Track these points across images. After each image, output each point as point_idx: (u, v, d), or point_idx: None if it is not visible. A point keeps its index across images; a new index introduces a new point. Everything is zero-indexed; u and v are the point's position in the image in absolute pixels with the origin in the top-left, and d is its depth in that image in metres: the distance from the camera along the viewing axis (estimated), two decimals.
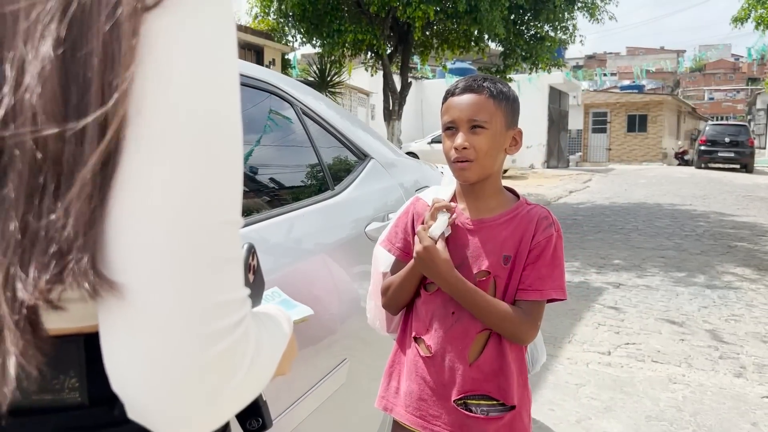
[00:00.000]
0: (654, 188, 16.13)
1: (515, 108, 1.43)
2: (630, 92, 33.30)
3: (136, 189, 0.45)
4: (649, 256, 7.13)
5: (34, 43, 0.43)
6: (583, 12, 10.86)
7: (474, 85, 1.38)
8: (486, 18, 8.36)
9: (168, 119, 0.46)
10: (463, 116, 1.36)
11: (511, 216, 1.41)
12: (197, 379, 0.46)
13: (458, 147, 1.35)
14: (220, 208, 0.49)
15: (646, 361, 3.87)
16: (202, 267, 0.47)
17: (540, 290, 1.36)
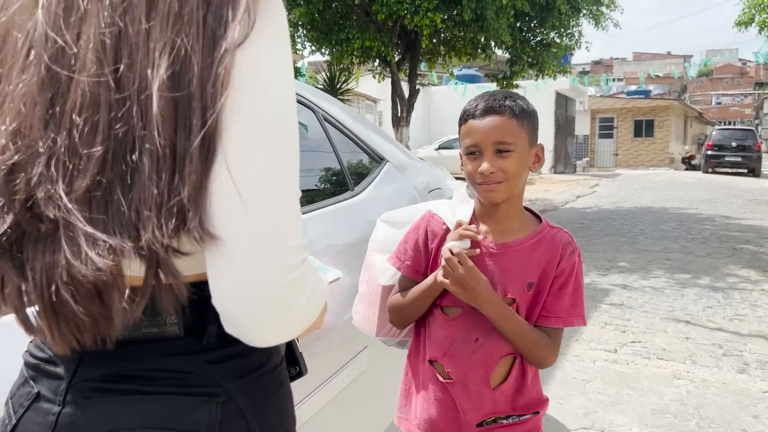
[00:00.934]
0: (661, 193, 16.20)
1: (536, 124, 1.40)
2: (636, 97, 33.34)
3: (230, 170, 0.62)
4: (655, 259, 7.24)
5: (154, 66, 0.60)
6: (588, 19, 11.00)
7: (495, 106, 1.33)
8: (492, 26, 8.51)
9: (253, 120, 0.64)
10: (488, 140, 1.32)
11: (536, 240, 1.38)
12: (277, 298, 0.64)
13: (485, 172, 1.31)
14: (287, 182, 0.67)
15: (652, 358, 3.98)
16: (278, 222, 0.64)
17: (564, 318, 1.36)
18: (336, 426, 1.74)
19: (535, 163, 1.40)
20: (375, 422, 2.04)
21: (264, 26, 0.64)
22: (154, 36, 0.61)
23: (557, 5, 9.76)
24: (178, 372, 0.69)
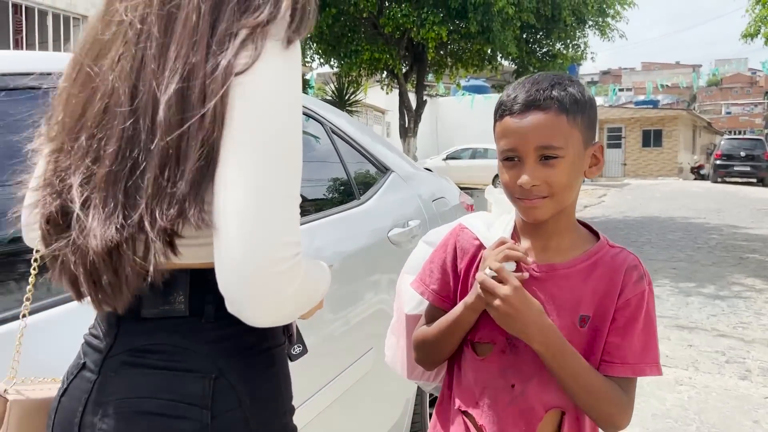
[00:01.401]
0: (669, 202, 16.20)
1: (593, 117, 1.10)
2: (644, 107, 33.36)
3: (227, 168, 0.73)
4: (660, 268, 7.28)
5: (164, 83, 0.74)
6: (593, 30, 11.11)
7: (539, 98, 1.04)
8: (498, 38, 8.63)
9: (251, 135, 0.75)
10: (529, 144, 1.04)
11: (591, 262, 1.11)
12: (269, 285, 0.74)
13: (526, 185, 1.04)
14: (284, 188, 0.76)
15: None
16: (272, 221, 0.74)
17: (633, 365, 1.07)
18: (340, 426, 1.83)
19: (593, 166, 1.12)
20: (380, 422, 2.13)
21: (270, 56, 0.76)
22: (167, 60, 0.74)
23: (563, 17, 9.87)
24: (181, 348, 0.81)
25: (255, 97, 0.74)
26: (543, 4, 9.44)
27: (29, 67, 1.33)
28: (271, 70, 0.76)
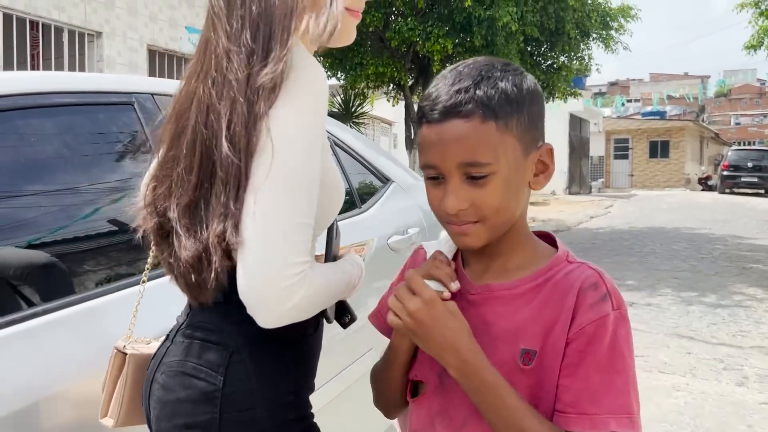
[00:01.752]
0: (675, 213, 16.23)
1: (535, 114, 0.89)
2: (651, 119, 33.40)
3: (251, 196, 0.91)
4: (663, 278, 7.35)
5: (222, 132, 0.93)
6: (597, 43, 11.23)
7: (459, 101, 0.84)
8: (502, 51, 8.77)
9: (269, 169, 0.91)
10: (450, 160, 0.85)
11: (538, 282, 0.89)
12: (273, 296, 0.91)
13: (449, 210, 0.87)
14: (295, 216, 0.92)
15: (653, 371, 4.12)
16: (281, 244, 0.91)
17: (593, 416, 0.82)
18: (337, 424, 1.93)
19: (539, 174, 0.91)
20: (377, 422, 2.23)
21: (288, 98, 0.92)
22: (223, 111, 0.94)
23: (566, 30, 10.00)
24: (216, 327, 1.02)
25: (274, 140, 0.91)
26: (546, 17, 9.58)
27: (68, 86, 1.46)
28: (289, 115, 0.93)
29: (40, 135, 1.46)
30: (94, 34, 5.87)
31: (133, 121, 1.64)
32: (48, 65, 5.54)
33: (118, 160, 1.63)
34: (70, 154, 1.51)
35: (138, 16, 6.17)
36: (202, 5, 6.95)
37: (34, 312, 1.22)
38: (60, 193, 1.44)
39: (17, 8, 5.15)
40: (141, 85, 1.74)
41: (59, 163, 1.47)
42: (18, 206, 1.36)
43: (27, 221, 1.36)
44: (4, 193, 1.34)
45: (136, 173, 1.61)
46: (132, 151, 1.63)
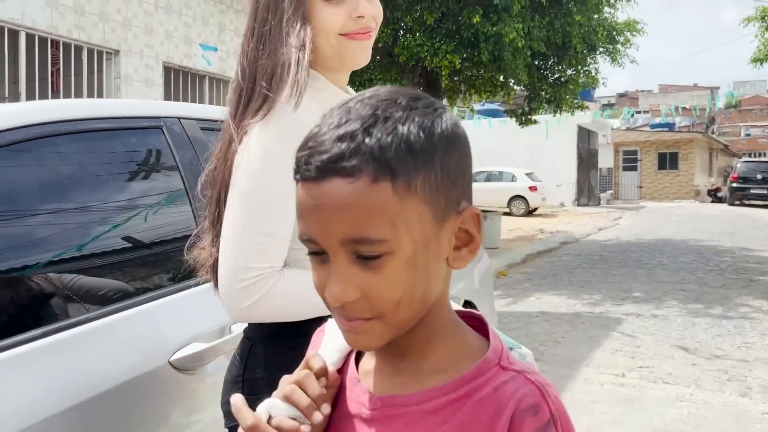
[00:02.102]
0: (684, 225, 16.24)
1: (452, 166, 0.65)
2: (660, 130, 33.40)
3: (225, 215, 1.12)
4: (670, 290, 7.41)
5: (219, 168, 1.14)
6: (604, 56, 11.34)
7: (342, 153, 0.60)
8: (510, 66, 8.89)
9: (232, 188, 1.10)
10: (332, 235, 0.61)
11: (457, 396, 0.65)
12: (231, 297, 1.08)
13: (334, 301, 0.63)
14: (251, 227, 1.08)
15: (658, 382, 4.19)
16: (239, 251, 1.08)
17: None
18: None
19: (461, 248, 0.67)
20: None
21: (253, 136, 1.09)
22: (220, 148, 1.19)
23: (573, 44, 10.12)
24: (251, 324, 1.20)
25: (238, 168, 1.09)
26: (553, 32, 9.70)
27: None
28: (253, 146, 1.09)
29: (84, 157, 1.59)
30: (112, 53, 6.05)
31: (162, 144, 1.77)
32: (68, 81, 5.72)
33: (151, 178, 1.76)
34: (111, 174, 1.64)
35: (154, 34, 6.35)
36: (216, 23, 7.14)
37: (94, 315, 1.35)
38: (104, 209, 1.57)
39: (39, 29, 5.34)
40: (168, 109, 1.88)
41: (101, 182, 1.60)
42: (69, 221, 1.49)
43: (81, 233, 1.49)
44: (58, 209, 1.47)
45: (167, 189, 1.74)
46: (163, 170, 1.77)
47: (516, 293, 7.36)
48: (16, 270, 1.37)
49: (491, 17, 8.56)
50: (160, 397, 1.42)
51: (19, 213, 1.41)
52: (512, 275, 8.69)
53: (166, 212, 1.72)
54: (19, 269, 1.38)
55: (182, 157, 1.78)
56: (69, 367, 1.28)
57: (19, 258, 1.38)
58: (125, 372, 1.35)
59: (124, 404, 1.34)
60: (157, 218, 1.69)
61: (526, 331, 5.53)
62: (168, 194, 1.74)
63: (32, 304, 1.34)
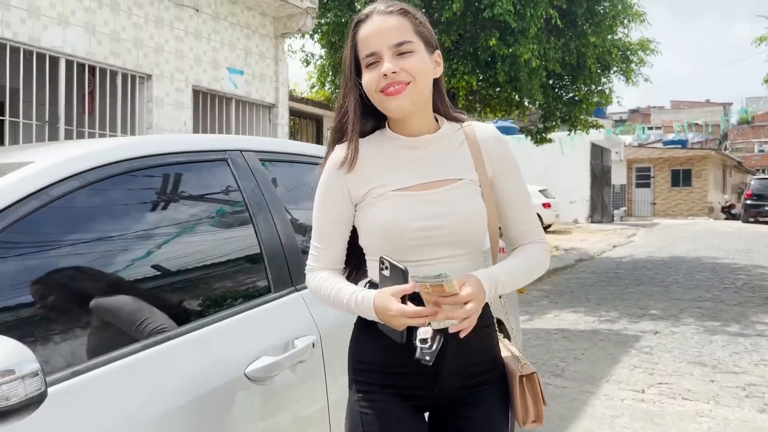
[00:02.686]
0: (698, 242, 16.27)
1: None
2: (673, 147, 33.41)
3: None
4: (686, 307, 7.50)
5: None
6: (618, 75, 11.50)
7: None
8: (525, 86, 9.08)
9: None
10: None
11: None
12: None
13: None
14: (312, 239, 1.54)
15: (677, 398, 4.30)
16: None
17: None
18: None
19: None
20: None
21: (323, 163, 1.56)
22: None
23: (588, 65, 10.30)
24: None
25: None
26: (568, 53, 9.89)
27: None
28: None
29: (165, 188, 1.78)
30: (145, 77, 6.29)
31: (228, 174, 1.95)
32: (103, 104, 5.96)
33: (221, 207, 1.94)
34: (188, 204, 1.83)
35: (184, 59, 6.60)
36: (242, 48, 7.39)
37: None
38: (185, 235, 1.75)
39: (78, 55, 5.59)
40: (232, 143, 2.06)
41: (181, 211, 1.79)
42: (158, 247, 1.67)
43: (165, 257, 1.67)
44: (148, 234, 1.65)
45: (235, 216, 1.92)
46: (230, 198, 1.95)
47: (534, 310, 7.48)
48: (116, 289, 1.55)
49: (507, 39, 8.77)
50: (239, 405, 1.58)
51: (116, 239, 1.59)
52: (529, 292, 8.81)
53: (235, 237, 1.90)
54: (116, 289, 1.55)
55: (245, 187, 1.96)
56: (166, 376, 1.46)
57: (114, 280, 1.56)
58: (210, 380, 1.52)
59: (211, 409, 1.50)
60: (228, 243, 1.87)
61: (546, 348, 5.65)
62: (236, 221, 1.92)
63: (129, 320, 1.52)
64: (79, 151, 1.60)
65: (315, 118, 13.39)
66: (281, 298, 1.87)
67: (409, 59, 1.37)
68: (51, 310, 1.39)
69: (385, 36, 1.37)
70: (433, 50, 1.44)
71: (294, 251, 1.99)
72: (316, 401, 1.82)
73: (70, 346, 1.39)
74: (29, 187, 1.42)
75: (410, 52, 1.37)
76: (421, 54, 1.39)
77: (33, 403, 0.97)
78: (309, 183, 2.38)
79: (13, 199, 1.37)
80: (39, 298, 1.37)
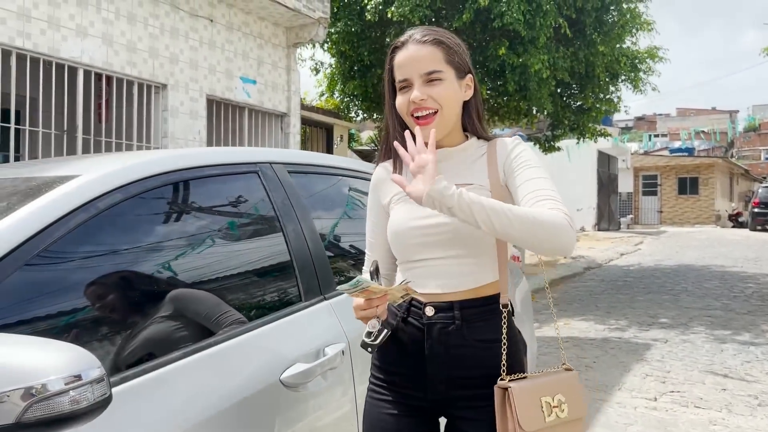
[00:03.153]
0: (706, 251, 16.25)
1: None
2: (680, 155, 33.37)
3: None
4: (696, 316, 7.52)
5: None
6: (626, 84, 11.55)
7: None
8: (535, 95, 9.14)
9: None
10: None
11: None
12: None
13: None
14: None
15: (690, 406, 4.33)
16: None
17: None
18: None
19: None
20: None
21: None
22: None
23: (596, 73, 10.35)
24: None
25: None
26: (577, 62, 9.95)
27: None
28: None
29: (202, 200, 1.84)
30: (160, 86, 6.38)
31: (259, 186, 2.02)
32: (119, 114, 6.05)
33: (253, 218, 2.00)
34: (222, 215, 1.89)
35: (198, 68, 6.68)
36: (255, 57, 7.48)
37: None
38: (220, 246, 1.82)
39: (96, 65, 5.68)
40: (262, 155, 2.13)
41: (216, 222, 1.85)
42: (195, 257, 1.73)
43: (205, 267, 1.73)
44: (183, 245, 1.72)
45: (267, 227, 1.98)
46: (262, 209, 2.01)
47: (543, 318, 7.51)
48: (156, 297, 1.61)
49: (517, 49, 8.83)
50: (275, 411, 1.64)
51: (156, 250, 1.65)
52: (539, 300, 8.84)
53: (267, 248, 1.96)
54: (155, 298, 1.61)
55: (276, 198, 2.02)
56: (207, 381, 1.51)
57: (157, 288, 1.62)
58: (248, 386, 1.58)
59: (248, 416, 1.56)
60: (260, 253, 1.93)
61: (556, 356, 5.68)
62: (267, 232, 1.98)
63: (171, 329, 1.57)
64: (121, 165, 1.67)
65: (325, 126, 13.48)
66: (311, 306, 1.92)
67: (436, 87, 1.45)
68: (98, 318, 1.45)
69: (417, 64, 1.46)
70: (465, 75, 1.52)
71: (322, 262, 2.05)
72: (344, 406, 1.88)
73: (118, 350, 1.45)
74: (79, 199, 1.48)
75: (439, 80, 1.45)
76: (449, 81, 1.47)
77: (99, 407, 1.02)
78: (335, 194, 2.47)
79: (66, 210, 1.43)
80: (95, 302, 1.43)
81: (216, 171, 1.91)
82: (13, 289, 1.28)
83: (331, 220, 2.35)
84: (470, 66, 1.53)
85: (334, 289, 2.06)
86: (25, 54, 5.13)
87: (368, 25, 9.81)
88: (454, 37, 1.53)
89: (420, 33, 1.49)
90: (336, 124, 13.51)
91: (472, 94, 1.55)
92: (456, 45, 1.50)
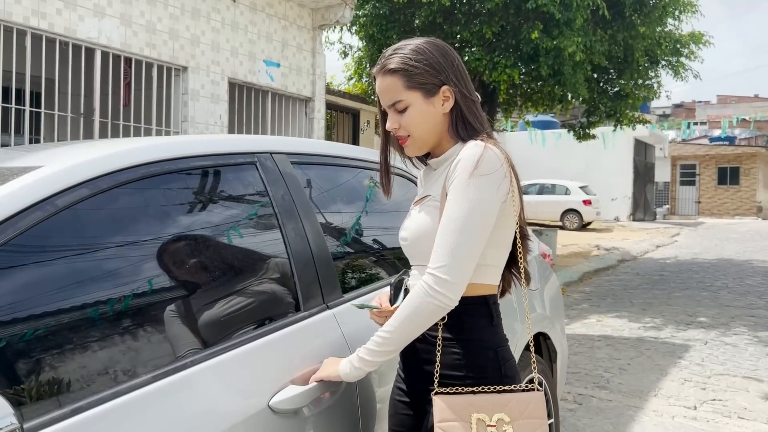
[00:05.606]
0: (747, 244, 15.62)
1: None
2: (720, 144, 32.28)
3: None
4: (738, 315, 7.11)
5: None
6: (666, 70, 11.03)
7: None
8: (569, 80, 8.74)
9: None
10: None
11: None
12: None
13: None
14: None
15: (733, 417, 4.01)
16: None
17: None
18: None
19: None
20: None
21: None
22: None
23: (636, 58, 9.89)
24: None
25: None
26: (615, 46, 9.50)
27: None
28: None
29: (182, 196, 1.62)
30: (180, 69, 6.20)
31: (256, 179, 1.79)
32: (138, 96, 5.90)
33: (248, 213, 1.77)
34: (213, 210, 1.66)
35: (220, 51, 6.49)
36: (279, 40, 7.25)
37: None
38: (213, 244, 1.59)
39: (114, 47, 5.52)
40: (261, 144, 1.89)
41: (202, 222, 1.63)
42: (189, 247, 1.51)
43: (191, 268, 1.52)
44: (176, 237, 1.50)
45: (263, 224, 1.75)
46: (258, 204, 1.78)
47: (575, 314, 7.20)
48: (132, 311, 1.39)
49: (551, 32, 8.44)
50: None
51: (126, 254, 1.43)
52: (570, 294, 8.51)
53: (261, 250, 1.73)
54: (117, 318, 1.40)
55: (275, 193, 1.79)
56: (186, 407, 1.30)
57: (117, 307, 1.41)
58: (230, 415, 1.36)
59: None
60: (253, 257, 1.70)
61: (589, 356, 5.39)
62: (263, 232, 1.75)
63: (145, 345, 1.36)
64: (90, 156, 1.45)
65: (352, 111, 13.22)
66: (311, 317, 1.69)
67: (404, 115, 1.50)
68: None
69: (383, 96, 1.53)
70: (437, 89, 1.49)
71: (326, 263, 1.82)
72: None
73: (78, 374, 1.24)
74: (35, 195, 1.27)
75: (405, 108, 1.50)
76: (415, 105, 1.49)
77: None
78: (346, 188, 2.23)
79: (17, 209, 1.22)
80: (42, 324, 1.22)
81: (205, 162, 1.69)
82: None
83: (341, 218, 2.11)
84: (446, 77, 1.49)
85: (340, 296, 1.83)
86: (41, 34, 4.98)
87: (397, 7, 9.50)
88: (420, 53, 1.48)
89: (381, 62, 1.52)
90: (362, 110, 13.23)
91: (453, 104, 1.51)
92: (414, 66, 1.47)
